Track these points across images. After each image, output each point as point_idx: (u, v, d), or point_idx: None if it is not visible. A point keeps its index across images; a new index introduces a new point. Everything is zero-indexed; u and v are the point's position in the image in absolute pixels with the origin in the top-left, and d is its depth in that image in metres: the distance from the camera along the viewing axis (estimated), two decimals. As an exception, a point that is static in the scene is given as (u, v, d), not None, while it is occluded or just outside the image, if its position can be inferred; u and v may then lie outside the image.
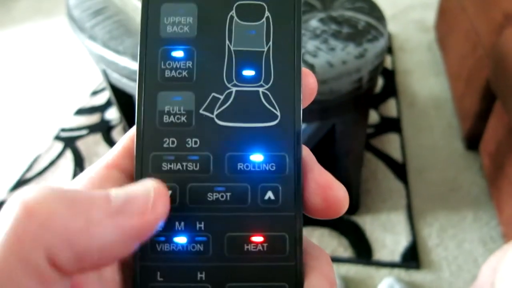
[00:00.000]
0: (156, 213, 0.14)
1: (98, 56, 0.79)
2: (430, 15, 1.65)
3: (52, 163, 1.15)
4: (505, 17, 0.87)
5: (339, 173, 0.89)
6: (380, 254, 0.87)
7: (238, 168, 0.16)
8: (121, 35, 0.77)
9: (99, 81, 1.45)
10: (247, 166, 0.16)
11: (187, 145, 0.16)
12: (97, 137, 1.23)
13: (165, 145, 0.16)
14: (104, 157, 0.17)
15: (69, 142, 1.22)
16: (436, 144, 1.14)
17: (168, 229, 0.15)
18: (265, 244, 0.15)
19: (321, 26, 0.73)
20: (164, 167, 0.16)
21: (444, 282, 0.82)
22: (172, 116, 0.16)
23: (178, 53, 0.16)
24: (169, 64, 0.16)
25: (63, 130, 1.27)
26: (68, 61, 1.60)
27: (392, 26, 1.69)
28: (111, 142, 1.20)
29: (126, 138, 0.17)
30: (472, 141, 1.06)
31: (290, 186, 0.16)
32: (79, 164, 1.14)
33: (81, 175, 0.16)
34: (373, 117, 1.23)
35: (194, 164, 0.16)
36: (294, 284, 0.15)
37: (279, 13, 0.16)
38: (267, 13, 0.16)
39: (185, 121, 0.16)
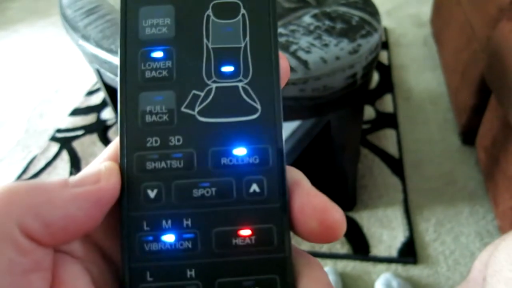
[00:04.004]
0: (109, 181, 0.15)
1: (91, 55, 0.78)
2: (425, 10, 1.65)
3: (48, 164, 1.15)
4: (499, 11, 0.86)
5: (335, 169, 0.89)
6: (377, 249, 0.87)
7: (222, 163, 0.16)
8: (113, 34, 0.76)
9: (94, 81, 1.44)
10: (230, 161, 0.16)
11: (170, 143, 0.16)
12: (93, 137, 1.22)
13: (148, 145, 0.16)
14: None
15: (65, 143, 1.21)
16: (432, 138, 1.14)
17: (155, 228, 0.15)
18: (253, 237, 0.16)
19: (315, 22, 0.73)
20: (149, 166, 0.16)
21: (441, 277, 0.82)
22: (154, 116, 0.16)
23: (158, 54, 0.16)
24: (149, 65, 0.16)
25: (58, 131, 1.26)
26: (63, 61, 1.59)
27: (388, 21, 1.69)
28: (107, 142, 1.20)
29: (113, 146, 0.17)
30: (468, 135, 1.06)
31: (274, 177, 0.16)
32: (76, 165, 1.13)
33: None
34: (369, 112, 1.23)
35: (178, 162, 0.16)
36: (285, 276, 0.15)
37: (254, 9, 0.17)
38: (242, 10, 0.17)
39: (167, 119, 0.16)
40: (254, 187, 0.16)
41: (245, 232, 0.16)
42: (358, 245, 0.88)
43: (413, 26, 1.68)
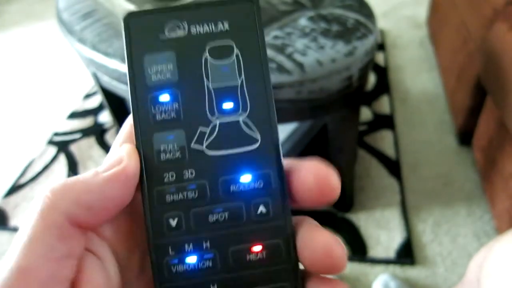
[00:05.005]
0: (131, 160, 0.18)
1: (88, 59, 0.79)
2: (422, 11, 1.65)
3: (45, 167, 1.15)
4: (494, 12, 0.87)
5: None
6: (375, 251, 0.87)
7: (231, 190, 0.18)
8: (110, 37, 0.76)
9: (91, 84, 1.44)
10: (238, 187, 0.18)
11: (184, 177, 0.18)
12: (91, 141, 1.22)
13: (165, 180, 0.18)
14: None
15: (63, 146, 1.21)
16: (429, 139, 1.14)
17: (179, 252, 0.18)
18: (264, 252, 0.18)
19: (311, 24, 0.73)
20: (168, 199, 0.18)
21: (439, 278, 0.82)
22: (168, 154, 0.18)
23: (165, 98, 0.18)
24: (158, 108, 0.18)
25: (56, 134, 1.26)
26: (60, 65, 1.59)
27: (384, 23, 1.69)
28: (104, 146, 1.20)
29: (126, 128, 0.20)
30: (465, 136, 1.06)
31: (278, 198, 0.18)
32: (73, 168, 1.13)
33: None
34: (366, 114, 1.24)
35: (193, 192, 0.18)
36: (295, 281, 0.18)
37: (246, 48, 0.19)
38: (236, 50, 0.19)
39: (180, 156, 0.18)
40: (261, 209, 0.18)
41: (257, 248, 0.18)
42: (356, 246, 0.88)
43: (409, 27, 1.69)
